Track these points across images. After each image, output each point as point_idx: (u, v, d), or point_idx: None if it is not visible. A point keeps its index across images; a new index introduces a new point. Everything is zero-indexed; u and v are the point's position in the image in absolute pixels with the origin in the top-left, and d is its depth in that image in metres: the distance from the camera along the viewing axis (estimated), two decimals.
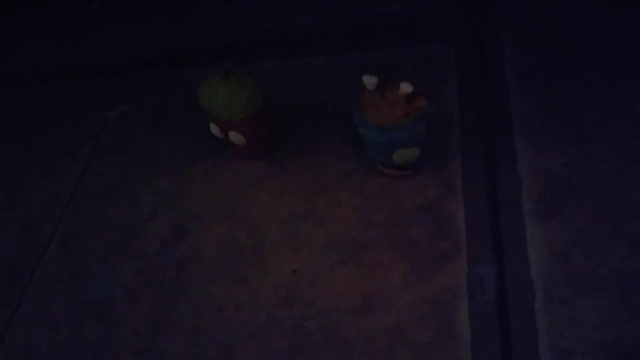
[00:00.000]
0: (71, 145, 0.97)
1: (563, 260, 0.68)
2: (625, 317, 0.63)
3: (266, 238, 0.78)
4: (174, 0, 1.12)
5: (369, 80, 0.72)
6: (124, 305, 0.77)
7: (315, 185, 0.82)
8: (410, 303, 0.69)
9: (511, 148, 0.78)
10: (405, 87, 0.71)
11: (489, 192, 0.75)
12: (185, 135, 0.94)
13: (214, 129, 0.82)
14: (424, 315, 0.68)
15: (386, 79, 0.73)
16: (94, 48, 1.11)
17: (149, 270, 0.79)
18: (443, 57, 0.91)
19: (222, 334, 0.71)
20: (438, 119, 0.83)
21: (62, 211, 0.89)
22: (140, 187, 0.89)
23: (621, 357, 0.61)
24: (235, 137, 0.81)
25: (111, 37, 1.11)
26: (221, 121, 0.80)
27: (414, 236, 0.74)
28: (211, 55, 1.02)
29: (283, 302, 0.72)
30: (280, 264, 0.76)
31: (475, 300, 0.68)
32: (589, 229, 0.70)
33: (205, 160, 0.89)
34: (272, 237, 0.78)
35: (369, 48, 0.95)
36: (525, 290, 0.67)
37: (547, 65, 0.86)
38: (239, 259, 0.77)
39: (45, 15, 1.19)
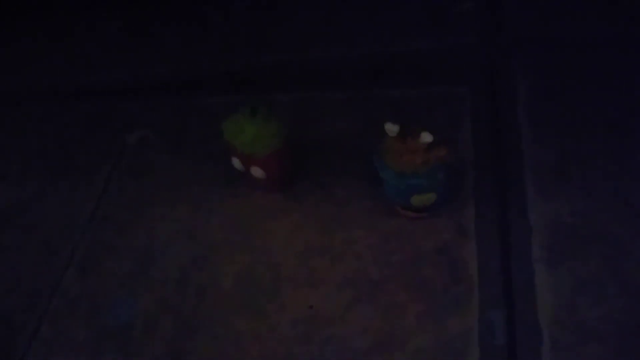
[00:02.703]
0: (89, 168, 0.99)
1: (569, 309, 0.72)
2: None
3: (283, 272, 0.81)
4: (197, 26, 1.14)
5: (391, 128, 0.76)
6: (143, 332, 0.79)
7: (332, 221, 0.85)
8: (424, 345, 0.72)
9: (523, 195, 0.82)
10: (426, 137, 0.74)
11: (501, 238, 0.79)
12: (204, 163, 0.96)
13: (236, 162, 0.84)
14: (437, 358, 0.71)
15: (408, 125, 0.77)
16: (113, 70, 1.13)
17: (168, 299, 0.81)
18: (459, 99, 0.94)
19: None
20: (453, 162, 0.86)
21: (80, 235, 0.90)
22: (159, 214, 0.91)
23: None
24: (256, 171, 0.83)
25: (131, 59, 1.13)
26: (244, 156, 0.82)
27: (428, 278, 0.77)
28: (231, 83, 1.04)
29: (301, 338, 0.75)
30: (297, 299, 0.78)
31: (485, 345, 0.71)
32: (594, 279, 0.73)
33: (224, 190, 0.91)
34: (289, 272, 0.81)
35: (387, 86, 0.98)
36: (534, 337, 0.70)
37: (560, 112, 0.90)
38: (257, 291, 0.80)
39: (66, 35, 1.20)
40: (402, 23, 1.06)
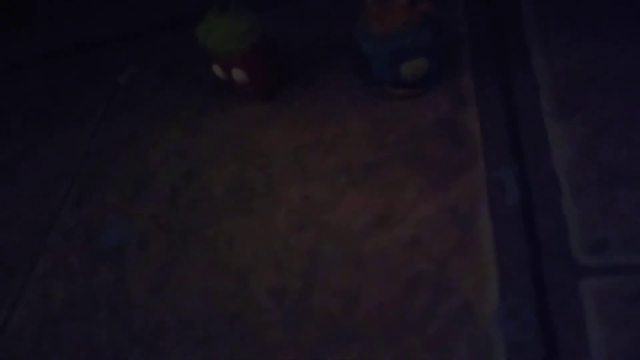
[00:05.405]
0: (83, 111, 0.98)
1: (590, 154, 0.63)
2: None
3: (276, 171, 0.76)
4: None
5: None
6: (137, 249, 0.75)
7: (322, 116, 0.80)
8: (427, 214, 0.65)
9: (525, 54, 0.74)
10: None
11: (505, 100, 0.71)
12: (193, 89, 0.93)
13: (217, 69, 0.81)
14: (442, 224, 0.63)
15: None
16: (100, 21, 1.13)
17: (161, 215, 0.78)
18: None
19: (236, 264, 0.69)
20: (447, 32, 0.80)
21: (75, 169, 0.89)
22: (151, 140, 0.88)
23: None
24: (237, 74, 0.79)
25: (114, 5, 1.13)
26: (222, 59, 0.79)
27: (428, 152, 0.70)
28: None
29: (296, 228, 0.69)
30: (291, 193, 0.73)
31: (496, 204, 0.63)
32: (616, 121, 0.65)
33: (214, 109, 0.88)
34: (282, 170, 0.76)
35: None
36: (551, 188, 0.62)
37: None
38: (250, 193, 0.75)
39: None
40: None
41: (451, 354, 0.55)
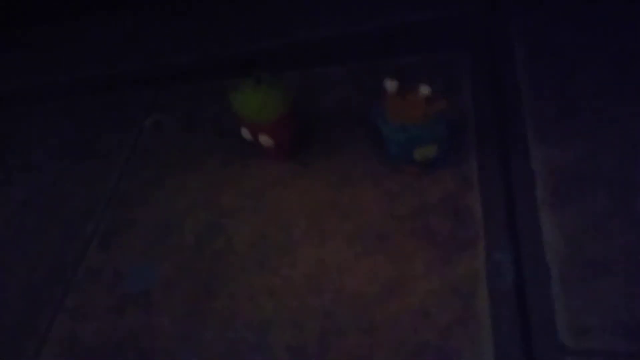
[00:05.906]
0: (108, 152, 1.04)
1: (577, 246, 0.72)
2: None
3: (294, 231, 0.84)
4: (202, 15, 1.20)
5: (390, 84, 0.78)
6: (163, 296, 0.82)
7: (339, 182, 0.87)
8: (433, 288, 0.73)
9: (524, 145, 0.83)
10: (425, 90, 0.76)
11: (505, 185, 0.80)
12: (217, 140, 1.00)
13: (245, 132, 0.88)
14: (447, 298, 0.72)
15: (406, 83, 0.80)
16: (127, 62, 1.19)
17: (186, 264, 0.84)
18: (459, 64, 0.96)
19: (256, 319, 0.76)
20: (455, 120, 0.88)
21: (101, 212, 0.95)
22: (175, 188, 0.94)
23: (638, 333, 0.65)
24: (265, 140, 0.86)
25: (144, 51, 1.19)
26: (252, 125, 0.86)
27: (434, 227, 0.79)
28: (239, 66, 1.08)
29: (313, 290, 0.77)
30: (308, 255, 0.80)
31: (494, 285, 0.72)
32: (602, 216, 0.74)
33: (236, 162, 0.95)
34: (300, 231, 0.83)
35: (388, 57, 1.01)
36: (542, 274, 0.71)
37: (557, 68, 0.91)
38: (270, 251, 0.82)
39: (79, 34, 1.28)
40: None
41: None
